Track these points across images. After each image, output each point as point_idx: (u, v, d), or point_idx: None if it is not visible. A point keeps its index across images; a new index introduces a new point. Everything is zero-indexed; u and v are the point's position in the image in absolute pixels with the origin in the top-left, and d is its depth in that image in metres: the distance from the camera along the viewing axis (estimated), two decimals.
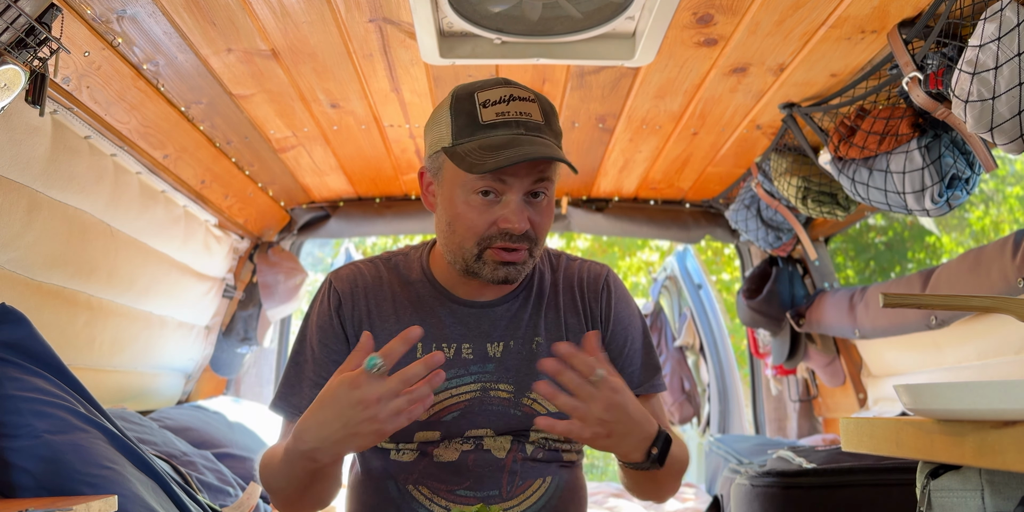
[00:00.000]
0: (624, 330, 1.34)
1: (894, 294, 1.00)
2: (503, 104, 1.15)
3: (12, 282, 1.67)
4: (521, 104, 1.16)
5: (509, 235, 1.16)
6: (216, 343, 2.99)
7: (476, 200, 1.16)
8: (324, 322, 1.29)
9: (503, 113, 1.15)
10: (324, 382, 1.25)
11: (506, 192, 1.16)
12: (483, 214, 1.17)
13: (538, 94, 1.20)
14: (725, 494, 2.13)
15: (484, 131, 1.14)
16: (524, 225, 1.15)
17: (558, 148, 1.18)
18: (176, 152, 2.17)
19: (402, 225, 3.17)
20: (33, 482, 1.08)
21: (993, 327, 1.94)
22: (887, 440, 0.92)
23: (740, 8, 1.60)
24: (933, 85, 1.57)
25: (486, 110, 1.15)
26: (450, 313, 1.29)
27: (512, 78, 2.00)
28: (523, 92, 1.18)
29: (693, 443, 4.96)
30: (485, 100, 1.16)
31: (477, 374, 1.26)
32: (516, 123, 1.14)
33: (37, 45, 1.37)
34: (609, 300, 1.34)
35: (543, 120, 1.17)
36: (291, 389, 1.27)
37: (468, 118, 1.16)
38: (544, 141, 1.15)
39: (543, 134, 1.16)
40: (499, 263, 1.18)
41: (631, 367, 1.33)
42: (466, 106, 1.16)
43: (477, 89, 1.18)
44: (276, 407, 1.29)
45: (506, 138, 1.13)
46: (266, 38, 1.74)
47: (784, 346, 3.08)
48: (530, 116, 1.16)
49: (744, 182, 2.74)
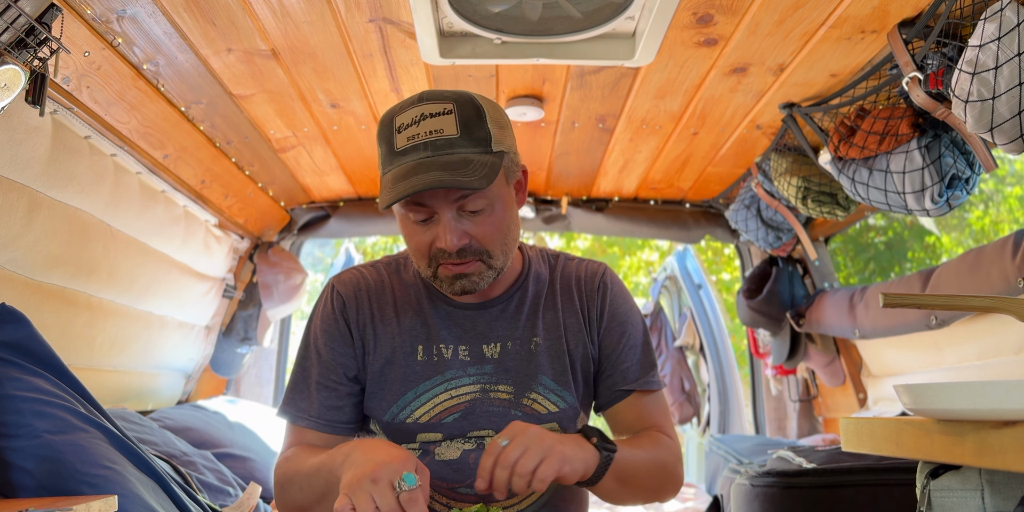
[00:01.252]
0: (620, 326, 1.34)
1: (894, 294, 1.00)
2: (414, 127, 1.13)
3: (12, 282, 1.67)
4: (432, 122, 1.12)
5: (447, 253, 1.16)
6: (216, 343, 2.99)
7: (412, 224, 1.18)
8: (329, 325, 1.30)
9: (413, 136, 1.12)
10: (332, 384, 1.27)
11: (435, 212, 1.15)
12: (423, 235, 1.17)
13: (462, 99, 1.14)
14: (725, 494, 2.13)
15: (397, 159, 1.13)
16: (456, 242, 1.15)
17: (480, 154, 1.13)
18: (176, 152, 2.17)
19: None
20: (33, 482, 1.08)
21: (993, 327, 1.94)
22: (887, 440, 0.92)
23: (740, 8, 1.60)
24: (933, 85, 1.57)
25: (399, 135, 1.13)
26: (445, 315, 1.30)
27: (512, 78, 2.02)
28: (436, 106, 1.13)
29: (693, 443, 4.96)
30: (400, 124, 1.14)
31: (476, 376, 1.27)
32: (424, 145, 1.11)
33: (37, 45, 1.37)
34: (605, 296, 1.34)
35: (459, 131, 1.12)
36: (299, 394, 1.28)
37: (387, 145, 1.15)
38: (453, 157, 1.11)
39: (455, 148, 1.12)
40: (453, 277, 1.19)
41: (627, 362, 1.32)
42: (386, 133, 1.16)
43: (395, 112, 1.15)
44: (284, 412, 1.29)
45: (411, 166, 1.11)
46: (266, 38, 1.74)
47: (784, 346, 3.08)
48: (441, 132, 1.12)
49: (744, 182, 2.74)
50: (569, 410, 1.29)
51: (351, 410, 1.28)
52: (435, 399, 1.25)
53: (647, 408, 1.32)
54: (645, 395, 1.33)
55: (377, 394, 1.27)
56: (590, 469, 1.09)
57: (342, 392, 1.27)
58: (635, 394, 1.32)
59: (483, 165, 1.11)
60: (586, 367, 1.32)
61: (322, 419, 1.26)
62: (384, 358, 1.28)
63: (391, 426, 1.26)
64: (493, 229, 1.18)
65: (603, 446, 1.11)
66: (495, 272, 1.21)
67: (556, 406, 1.28)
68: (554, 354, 1.30)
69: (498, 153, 1.15)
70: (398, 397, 1.26)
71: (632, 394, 1.32)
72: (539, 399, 1.27)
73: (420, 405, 1.25)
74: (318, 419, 1.26)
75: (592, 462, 1.09)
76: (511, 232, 1.21)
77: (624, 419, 1.32)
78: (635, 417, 1.31)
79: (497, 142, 1.16)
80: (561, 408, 1.28)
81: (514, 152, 1.21)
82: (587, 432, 1.14)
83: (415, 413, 1.25)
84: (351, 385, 1.28)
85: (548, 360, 1.29)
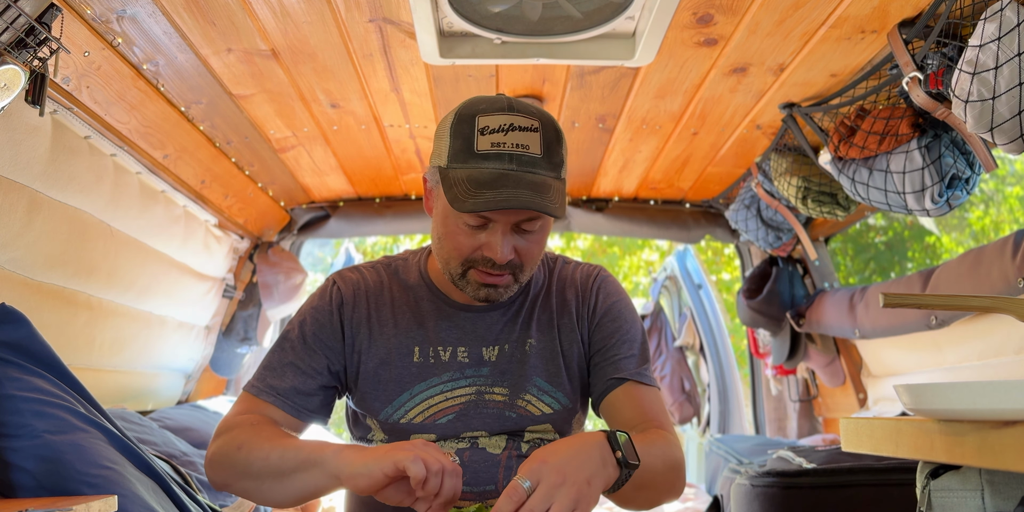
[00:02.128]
0: (613, 321, 1.32)
1: (894, 294, 1.00)
2: (500, 134, 1.13)
3: (12, 282, 1.67)
4: (520, 135, 1.13)
5: (491, 262, 1.17)
6: (216, 343, 2.99)
7: (464, 226, 1.17)
8: (323, 315, 1.29)
9: (498, 144, 1.12)
10: (310, 371, 1.25)
11: (493, 222, 1.16)
12: (470, 238, 1.17)
13: (545, 119, 1.16)
14: (725, 494, 2.13)
15: (476, 160, 1.13)
16: (507, 256, 1.16)
17: (555, 180, 1.15)
18: (176, 152, 2.17)
19: (402, 225, 3.17)
20: (33, 482, 1.08)
21: (993, 327, 1.94)
22: (887, 440, 0.92)
23: (740, 8, 1.60)
24: (933, 85, 1.57)
25: (483, 138, 1.13)
26: (446, 317, 1.30)
27: (512, 78, 2.02)
28: (525, 120, 1.14)
29: (693, 443, 4.96)
30: (484, 126, 1.13)
31: (472, 378, 1.27)
32: (510, 156, 1.12)
33: (37, 45, 1.37)
34: (598, 294, 1.34)
35: (542, 152, 1.13)
36: (272, 372, 1.25)
37: (464, 143, 1.14)
38: (536, 178, 1.12)
39: (537, 169, 1.13)
40: (481, 284, 1.20)
41: (621, 354, 1.29)
42: (465, 129, 1.15)
43: (480, 112, 1.15)
44: (252, 387, 1.25)
45: (495, 174, 1.11)
46: (266, 38, 1.74)
47: (784, 346, 3.08)
48: (527, 149, 1.12)
49: (744, 182, 2.74)
50: (563, 412, 1.28)
51: (319, 401, 1.25)
52: (430, 400, 1.25)
53: (645, 402, 1.26)
54: (641, 388, 1.27)
55: (371, 394, 1.27)
56: (609, 485, 1.02)
57: (317, 382, 1.25)
58: (631, 385, 1.27)
59: (559, 192, 1.15)
60: (581, 367, 1.32)
61: (289, 400, 1.22)
62: (379, 359, 1.27)
63: (386, 425, 1.26)
64: (537, 250, 1.21)
65: (627, 462, 1.02)
66: (519, 285, 1.24)
67: (550, 408, 1.27)
68: (548, 355, 1.29)
69: (563, 180, 1.18)
70: (393, 398, 1.26)
71: (627, 384, 1.26)
72: (533, 401, 1.27)
73: (414, 406, 1.25)
74: (285, 398, 1.22)
75: (612, 478, 1.02)
76: (544, 253, 1.25)
77: (622, 412, 1.26)
78: (634, 410, 1.25)
79: (565, 169, 1.19)
80: (555, 409, 1.28)
81: None
82: (613, 443, 1.03)
83: (409, 414, 1.25)
84: (327, 377, 1.26)
85: (542, 362, 1.29)
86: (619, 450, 1.01)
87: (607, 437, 1.03)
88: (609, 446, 1.02)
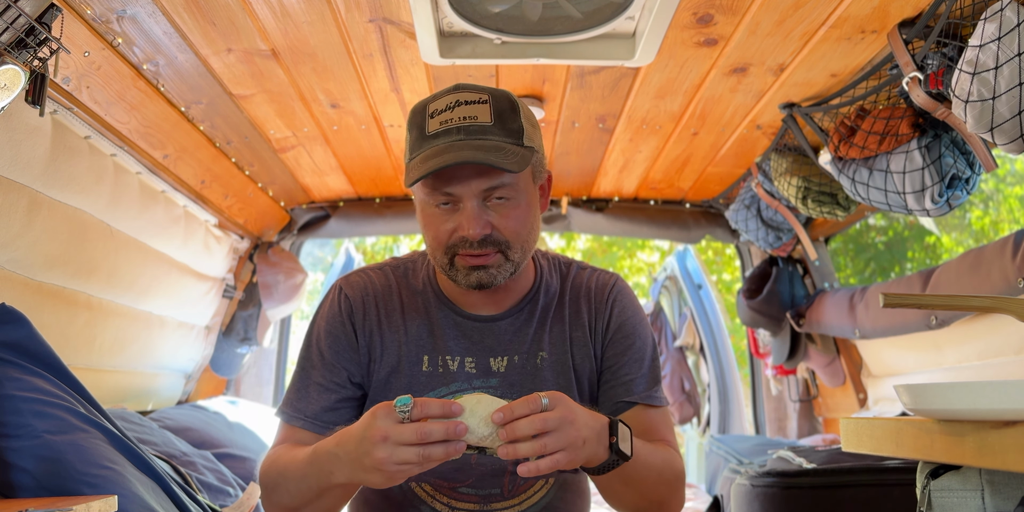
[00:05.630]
0: (626, 338, 1.30)
1: (894, 294, 1.00)
2: (448, 112, 1.13)
3: (12, 282, 1.67)
4: (467, 108, 1.13)
5: (469, 242, 1.15)
6: (216, 343, 2.99)
7: (436, 210, 1.17)
8: (335, 327, 1.28)
9: (446, 121, 1.13)
10: (332, 386, 1.25)
11: (461, 199, 1.14)
12: (444, 223, 1.17)
13: (497, 93, 1.16)
14: (725, 494, 2.13)
15: (428, 142, 1.13)
16: (480, 231, 1.14)
17: (512, 145, 1.13)
18: (176, 152, 2.17)
19: (402, 225, 3.18)
20: (33, 482, 1.08)
21: (993, 327, 1.94)
22: (887, 440, 0.92)
23: (740, 8, 1.60)
24: (933, 85, 1.57)
25: (432, 120, 1.14)
26: (454, 326, 1.28)
27: (512, 78, 2.02)
28: (472, 95, 1.14)
29: (693, 443, 4.96)
30: (433, 110, 1.15)
31: (480, 389, 1.25)
32: (457, 129, 1.12)
33: (37, 45, 1.37)
34: (614, 308, 1.32)
35: (492, 120, 1.13)
36: (298, 394, 1.26)
37: (418, 131, 1.15)
38: (487, 142, 1.11)
39: (488, 135, 1.12)
40: (470, 268, 1.17)
41: (631, 374, 1.28)
42: (418, 119, 1.16)
43: (430, 100, 1.17)
44: (281, 412, 1.27)
45: (441, 147, 1.11)
46: (266, 38, 1.74)
47: (784, 346, 3.08)
48: (475, 119, 1.13)
49: (744, 182, 2.74)
50: None
51: (348, 412, 1.27)
52: None
53: (653, 423, 1.26)
54: (650, 410, 1.27)
55: (381, 401, 1.26)
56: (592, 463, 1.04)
57: (342, 395, 1.26)
58: (639, 408, 1.26)
59: (515, 153, 1.12)
60: (592, 382, 1.30)
61: (318, 420, 1.24)
62: (390, 366, 1.27)
63: None
64: (516, 223, 1.17)
65: (618, 449, 1.04)
66: (513, 266, 1.19)
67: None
68: (559, 369, 1.28)
69: (528, 147, 1.16)
70: None
71: (636, 407, 1.26)
72: None
73: None
74: (314, 420, 1.24)
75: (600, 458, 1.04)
76: (532, 231, 1.21)
77: None
78: (642, 433, 1.23)
79: (528, 138, 1.17)
80: None
81: (542, 153, 1.22)
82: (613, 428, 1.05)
83: None
84: (353, 389, 1.27)
85: (553, 375, 1.27)
86: (615, 436, 1.04)
87: (610, 423, 1.05)
88: (608, 430, 1.04)
